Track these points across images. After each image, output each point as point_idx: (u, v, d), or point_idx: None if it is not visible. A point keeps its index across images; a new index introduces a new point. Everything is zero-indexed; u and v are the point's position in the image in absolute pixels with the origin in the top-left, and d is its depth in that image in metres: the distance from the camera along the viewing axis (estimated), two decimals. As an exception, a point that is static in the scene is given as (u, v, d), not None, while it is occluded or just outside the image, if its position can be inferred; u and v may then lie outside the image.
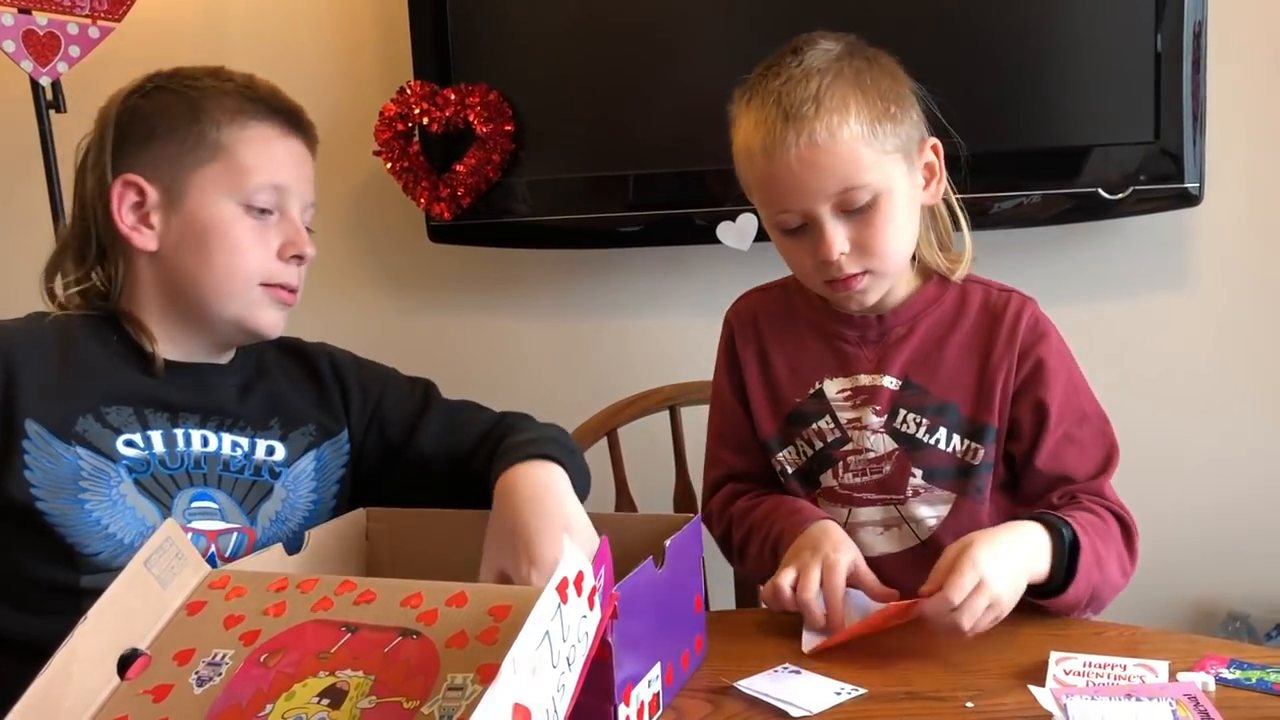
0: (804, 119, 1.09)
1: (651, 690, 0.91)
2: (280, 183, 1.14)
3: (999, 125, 1.69)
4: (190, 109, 1.13)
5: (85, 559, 1.03)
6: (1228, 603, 1.78)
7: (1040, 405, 1.16)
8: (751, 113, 1.13)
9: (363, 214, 2.08)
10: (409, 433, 1.23)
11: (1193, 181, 1.63)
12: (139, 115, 1.14)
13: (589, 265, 1.99)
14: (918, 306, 1.21)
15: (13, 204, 2.13)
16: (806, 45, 1.14)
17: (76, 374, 1.09)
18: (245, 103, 1.14)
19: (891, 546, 1.20)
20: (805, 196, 1.11)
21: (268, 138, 1.15)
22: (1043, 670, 0.96)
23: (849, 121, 1.09)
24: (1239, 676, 0.93)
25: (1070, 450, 1.17)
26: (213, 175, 1.12)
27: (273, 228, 1.15)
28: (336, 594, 0.86)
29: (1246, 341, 1.77)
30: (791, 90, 1.10)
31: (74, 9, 1.82)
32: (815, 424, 1.22)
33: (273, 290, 1.15)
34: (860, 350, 1.22)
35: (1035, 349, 1.18)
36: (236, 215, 1.13)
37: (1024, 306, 1.20)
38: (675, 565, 0.96)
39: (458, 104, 1.84)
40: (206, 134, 1.12)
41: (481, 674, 0.75)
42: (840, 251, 1.12)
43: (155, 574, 0.88)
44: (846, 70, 1.12)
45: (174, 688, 0.82)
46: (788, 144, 1.09)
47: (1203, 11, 1.60)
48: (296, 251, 1.15)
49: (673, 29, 1.81)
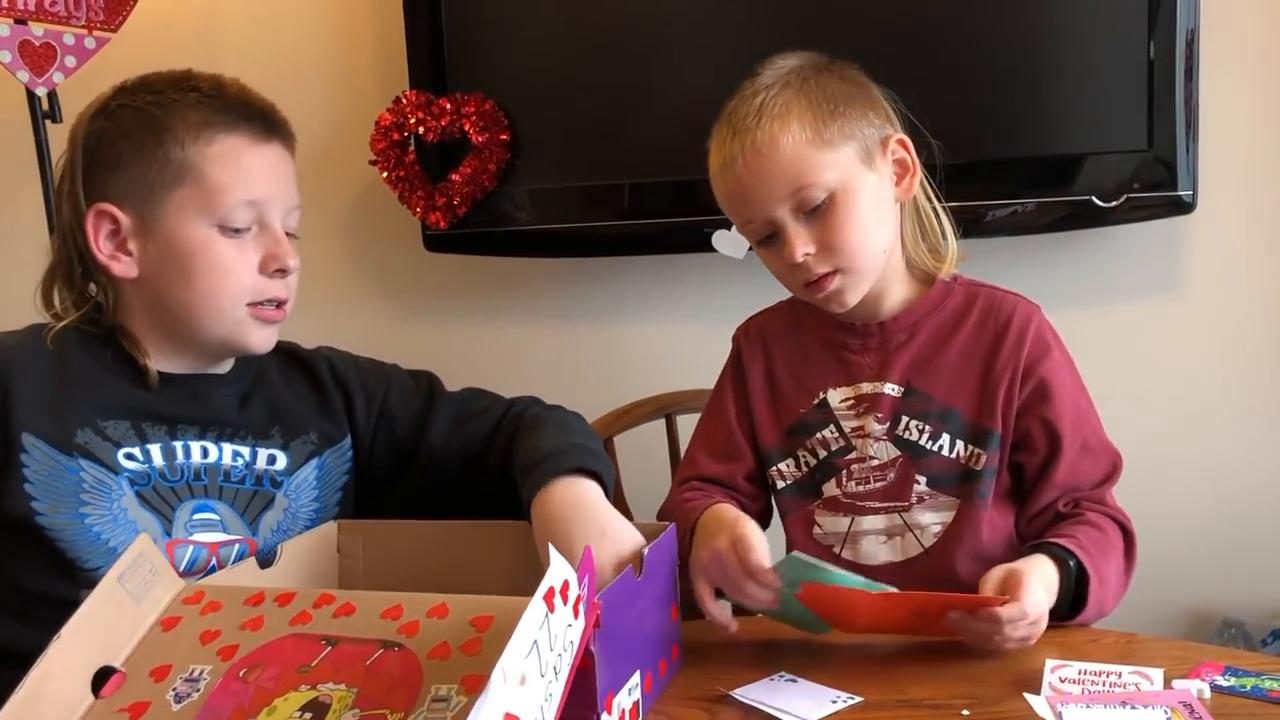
0: (747, 130, 1.14)
1: (632, 698, 0.91)
2: (256, 197, 1.11)
3: (993, 133, 1.69)
4: (153, 129, 1.09)
5: (85, 573, 1.03)
6: (1223, 609, 1.78)
7: (1051, 422, 1.17)
8: (714, 137, 1.18)
9: (359, 223, 2.08)
10: (418, 429, 1.22)
11: (1186, 189, 1.64)
12: (105, 139, 1.10)
13: (585, 273, 1.99)
14: (919, 312, 1.22)
15: (9, 215, 2.13)
16: (763, 67, 1.20)
17: (73, 388, 1.09)
18: (210, 115, 1.10)
19: (894, 556, 1.19)
20: (759, 203, 1.14)
21: (237, 150, 1.10)
22: (1038, 678, 0.96)
23: (790, 125, 1.13)
24: (1234, 683, 0.93)
25: (1085, 463, 1.18)
26: (184, 198, 1.09)
27: (253, 242, 1.12)
28: (315, 607, 0.86)
29: (1240, 348, 1.77)
30: (740, 107, 1.16)
31: (70, 19, 1.82)
32: (819, 433, 1.22)
33: (260, 309, 1.13)
34: (862, 358, 1.22)
35: (1042, 362, 1.18)
36: (213, 237, 1.09)
37: (1030, 315, 1.20)
38: (654, 574, 0.97)
39: (453, 113, 1.84)
40: (172, 154, 1.08)
41: (466, 685, 0.75)
42: (805, 253, 1.14)
43: (129, 590, 0.87)
44: (793, 80, 1.16)
45: (151, 705, 0.81)
46: (734, 156, 1.14)
47: (1195, 19, 1.61)
48: (279, 265, 1.12)
49: (668, 38, 1.81)
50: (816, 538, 1.22)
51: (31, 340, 1.11)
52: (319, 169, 2.04)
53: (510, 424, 1.20)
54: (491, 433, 1.20)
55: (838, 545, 1.20)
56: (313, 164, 2.04)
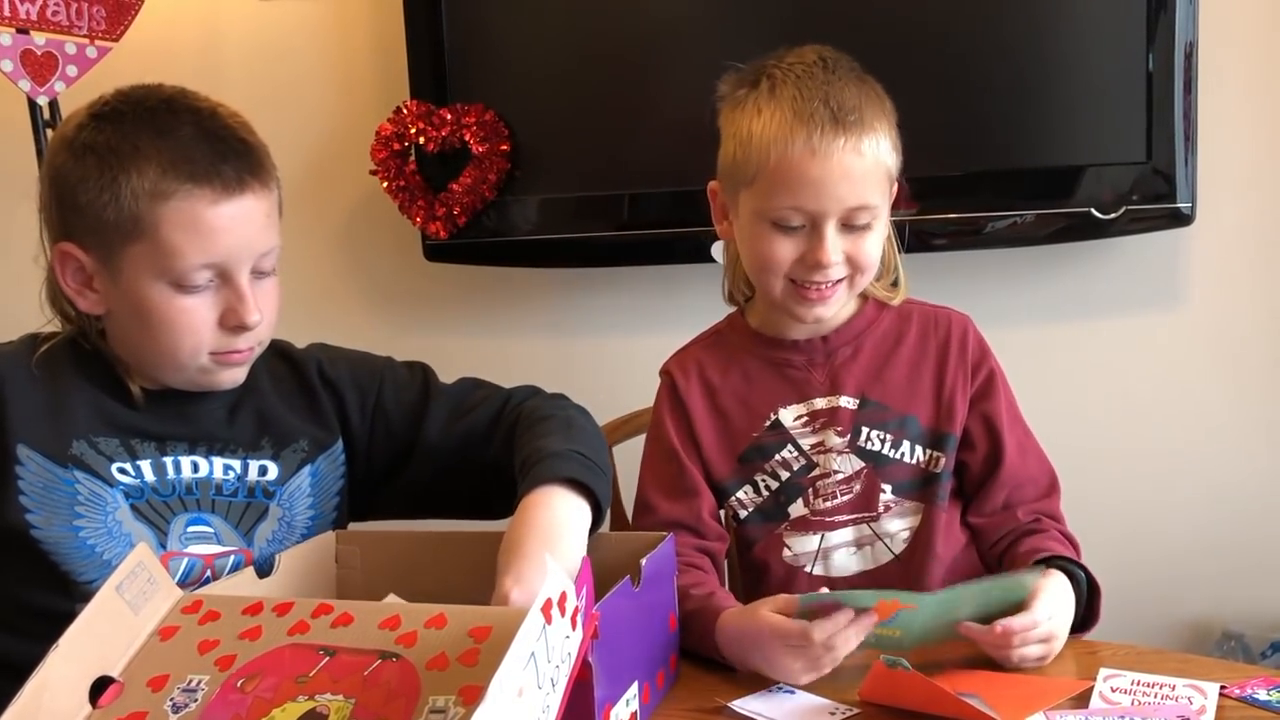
0: (850, 126, 1.09)
1: (629, 710, 0.91)
2: (214, 260, 1.04)
3: (992, 145, 1.70)
4: (111, 178, 1.03)
5: (80, 585, 1.03)
6: (1223, 622, 1.78)
7: (991, 417, 1.20)
8: (784, 103, 1.11)
9: (359, 232, 2.08)
10: (415, 422, 1.20)
11: (1185, 201, 1.64)
12: (68, 180, 1.06)
13: (585, 284, 1.99)
14: (859, 326, 1.23)
15: (10, 223, 2.13)
16: (825, 52, 1.15)
17: (65, 402, 1.08)
18: (169, 168, 1.03)
19: (865, 564, 1.19)
20: (829, 200, 1.11)
21: (195, 212, 1.03)
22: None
23: (882, 139, 1.12)
24: (1273, 699, 0.92)
25: (1028, 462, 1.20)
26: (140, 255, 1.04)
27: (213, 296, 1.06)
28: (313, 617, 0.85)
29: (1239, 360, 1.77)
30: (839, 94, 1.10)
31: (72, 29, 1.83)
32: (778, 455, 1.20)
33: (224, 356, 1.09)
34: (809, 374, 1.22)
35: (985, 362, 1.22)
36: (169, 296, 1.05)
37: (966, 323, 1.24)
38: (651, 584, 0.97)
39: (454, 124, 1.84)
40: (126, 209, 1.03)
41: (464, 696, 0.75)
42: (835, 260, 1.13)
43: (127, 599, 0.87)
44: (870, 91, 1.14)
45: (148, 715, 0.81)
46: (834, 147, 1.09)
47: (1194, 32, 1.61)
48: (237, 322, 1.06)
49: (669, 50, 1.82)
50: (786, 560, 1.20)
51: (26, 351, 1.10)
52: (319, 179, 2.05)
53: (510, 415, 1.18)
54: (491, 424, 1.18)
55: (809, 564, 1.20)
56: (313, 174, 2.07)
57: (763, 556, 1.21)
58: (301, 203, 1.96)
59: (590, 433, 1.17)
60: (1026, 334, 1.74)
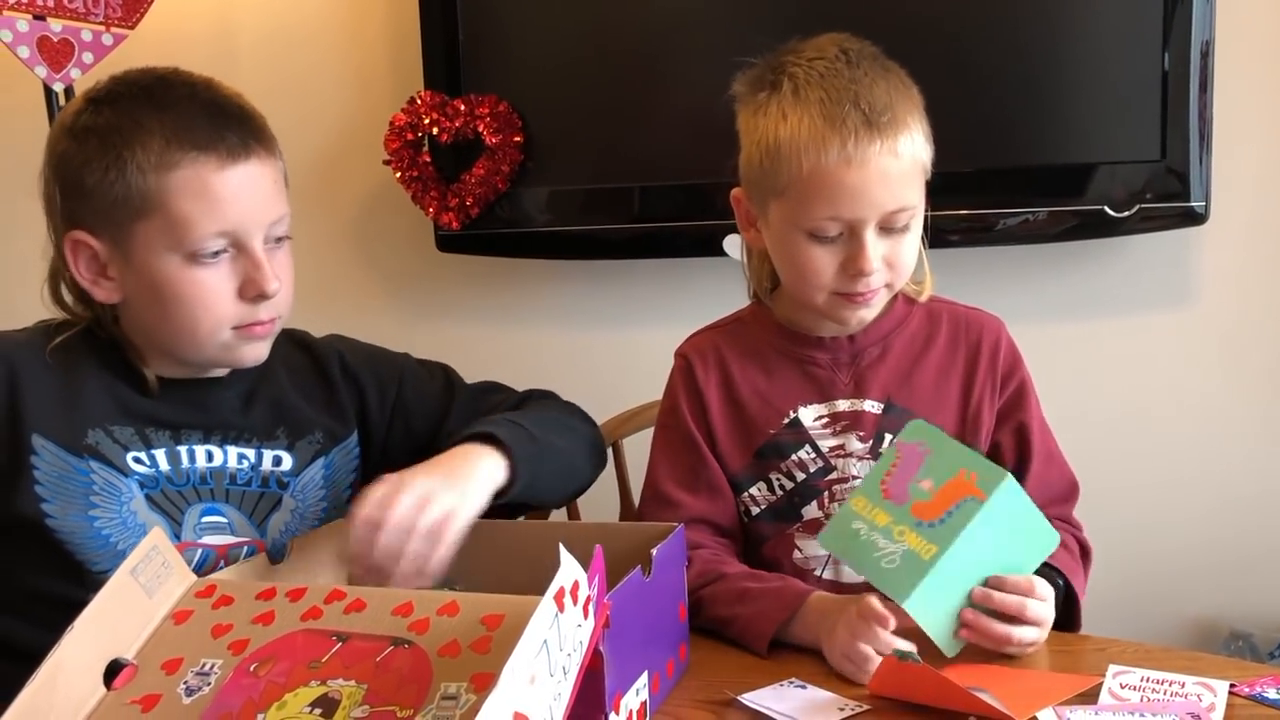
0: (885, 128, 1.04)
1: (640, 699, 0.91)
2: (226, 227, 1.04)
3: (1006, 142, 1.69)
4: (115, 156, 1.02)
5: (94, 575, 1.03)
6: (1230, 621, 1.78)
7: (1022, 428, 1.18)
8: (811, 106, 1.06)
9: (371, 223, 2.09)
10: (436, 421, 1.21)
11: (1199, 200, 1.64)
12: (71, 165, 1.05)
13: (597, 276, 1.99)
14: (887, 326, 1.19)
15: (27, 209, 2.14)
16: (845, 43, 1.10)
17: (80, 391, 1.08)
18: (173, 138, 1.02)
19: None
20: (867, 208, 1.06)
21: (202, 179, 1.02)
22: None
23: (916, 135, 1.07)
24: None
25: (1051, 472, 1.18)
26: (151, 230, 1.03)
27: (230, 266, 1.06)
28: (326, 603, 0.86)
29: (1250, 359, 1.77)
30: (869, 93, 1.05)
31: (88, 16, 1.83)
32: (794, 455, 1.17)
33: (246, 329, 1.08)
34: (834, 374, 1.18)
35: (1016, 372, 1.20)
36: (185, 268, 1.04)
37: (1000, 329, 1.21)
38: (661, 574, 0.97)
39: (467, 114, 1.85)
40: (133, 185, 1.02)
41: (476, 683, 0.75)
42: (875, 266, 1.09)
43: (141, 583, 0.87)
44: (897, 82, 1.09)
45: (162, 697, 0.82)
46: (870, 153, 1.04)
47: (1210, 31, 1.61)
48: (256, 292, 1.06)
49: (681, 42, 1.82)
50: (797, 562, 1.18)
51: (40, 340, 1.10)
52: (332, 168, 2.05)
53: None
54: None
55: (819, 568, 1.18)
56: (326, 163, 2.07)
57: (773, 555, 1.19)
58: (314, 192, 1.97)
59: (562, 424, 1.17)
60: (1037, 331, 1.72)
